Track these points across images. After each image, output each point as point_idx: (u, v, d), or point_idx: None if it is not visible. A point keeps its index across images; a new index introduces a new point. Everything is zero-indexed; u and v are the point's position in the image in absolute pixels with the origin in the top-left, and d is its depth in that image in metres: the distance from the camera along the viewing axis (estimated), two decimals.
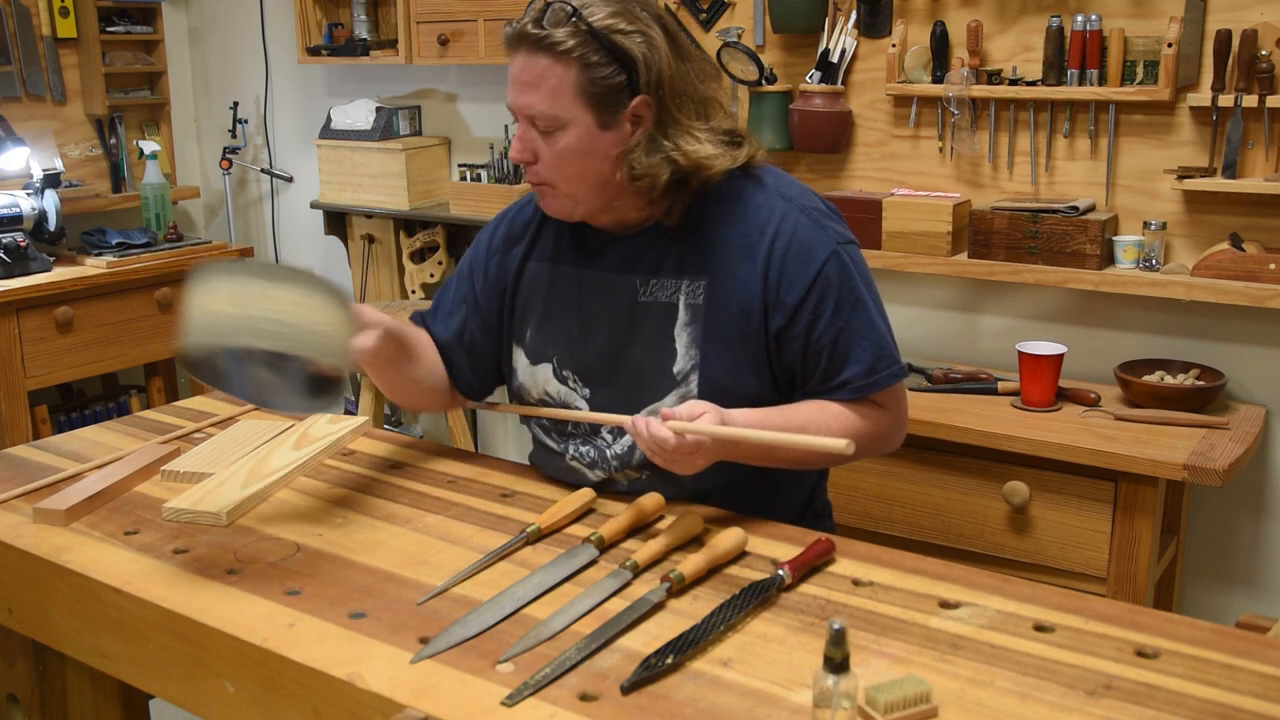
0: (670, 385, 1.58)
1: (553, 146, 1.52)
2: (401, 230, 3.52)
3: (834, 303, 1.54)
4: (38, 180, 3.37)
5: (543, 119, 1.50)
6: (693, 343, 1.57)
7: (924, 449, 2.32)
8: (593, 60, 1.48)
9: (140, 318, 3.51)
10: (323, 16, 3.56)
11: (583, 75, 1.48)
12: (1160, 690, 1.10)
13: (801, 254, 1.54)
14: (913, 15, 2.59)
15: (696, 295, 1.57)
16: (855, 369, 1.55)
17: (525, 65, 1.50)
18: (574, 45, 1.47)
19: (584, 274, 1.65)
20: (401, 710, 1.10)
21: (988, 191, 2.58)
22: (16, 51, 3.55)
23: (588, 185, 1.55)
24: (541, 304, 1.68)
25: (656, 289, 1.60)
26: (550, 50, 1.48)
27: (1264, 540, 2.43)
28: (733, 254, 1.56)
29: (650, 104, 1.52)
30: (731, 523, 1.47)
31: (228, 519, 1.54)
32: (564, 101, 1.49)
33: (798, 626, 1.24)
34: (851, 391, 1.56)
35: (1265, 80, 2.19)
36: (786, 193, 1.60)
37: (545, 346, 1.67)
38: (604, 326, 1.62)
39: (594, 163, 1.53)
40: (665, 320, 1.59)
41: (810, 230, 1.56)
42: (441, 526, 1.52)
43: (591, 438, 1.63)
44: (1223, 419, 2.22)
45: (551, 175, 1.54)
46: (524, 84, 1.50)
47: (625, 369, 1.61)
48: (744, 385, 1.56)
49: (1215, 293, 2.24)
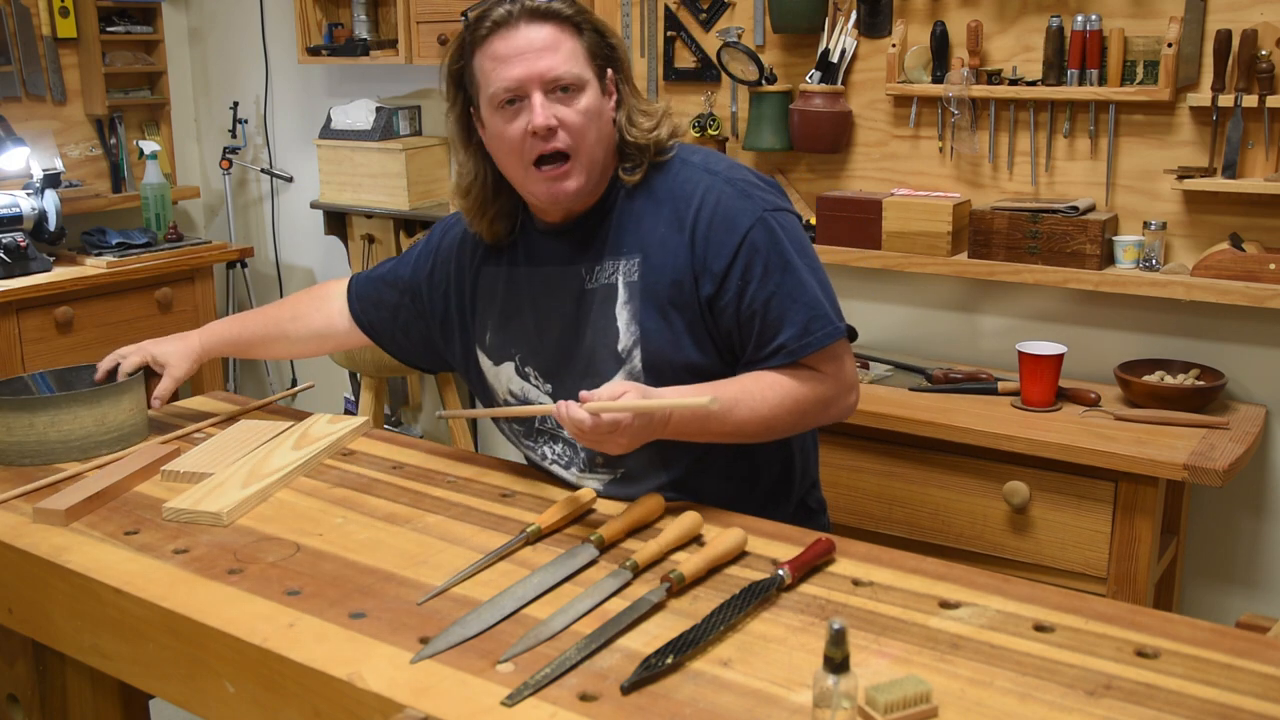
0: (616, 364, 1.60)
1: (576, 106, 1.54)
2: (401, 230, 3.52)
3: (762, 268, 1.55)
4: (38, 180, 3.37)
5: (568, 77, 1.54)
6: (632, 319, 1.59)
7: (924, 449, 2.32)
8: (586, 28, 1.57)
9: (140, 318, 3.51)
10: (323, 16, 3.56)
11: (584, 40, 1.56)
12: (1160, 690, 1.10)
13: (726, 222, 1.57)
14: (913, 15, 2.59)
15: (632, 273, 1.60)
16: (789, 332, 1.56)
17: (531, 34, 1.53)
18: (573, 14, 1.56)
19: (533, 271, 1.68)
20: (401, 710, 1.10)
21: (988, 191, 2.58)
22: (16, 51, 3.55)
23: (602, 150, 1.59)
24: (499, 306, 1.71)
25: (599, 273, 1.63)
26: (555, 18, 1.54)
27: (1264, 540, 2.43)
28: (663, 229, 1.59)
29: (616, 80, 1.61)
30: (732, 523, 1.47)
31: (228, 519, 1.54)
32: (581, 63, 1.55)
33: (798, 626, 1.24)
34: (787, 355, 1.56)
35: (1265, 80, 2.19)
36: (713, 167, 1.64)
37: (506, 346, 1.70)
38: (557, 320, 1.65)
39: (605, 126, 1.59)
40: (608, 302, 1.61)
41: (734, 199, 1.59)
42: (441, 526, 1.53)
43: (558, 432, 1.66)
44: (1223, 419, 2.22)
45: (577, 140, 1.55)
46: (539, 50, 1.53)
47: (580, 357, 1.63)
48: (685, 355, 1.58)
49: (1215, 293, 2.24)
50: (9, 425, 1.76)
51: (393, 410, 3.79)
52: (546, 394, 1.67)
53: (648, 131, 1.61)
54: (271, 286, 4.12)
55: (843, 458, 2.40)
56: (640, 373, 1.58)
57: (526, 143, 1.54)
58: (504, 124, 1.55)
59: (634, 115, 1.62)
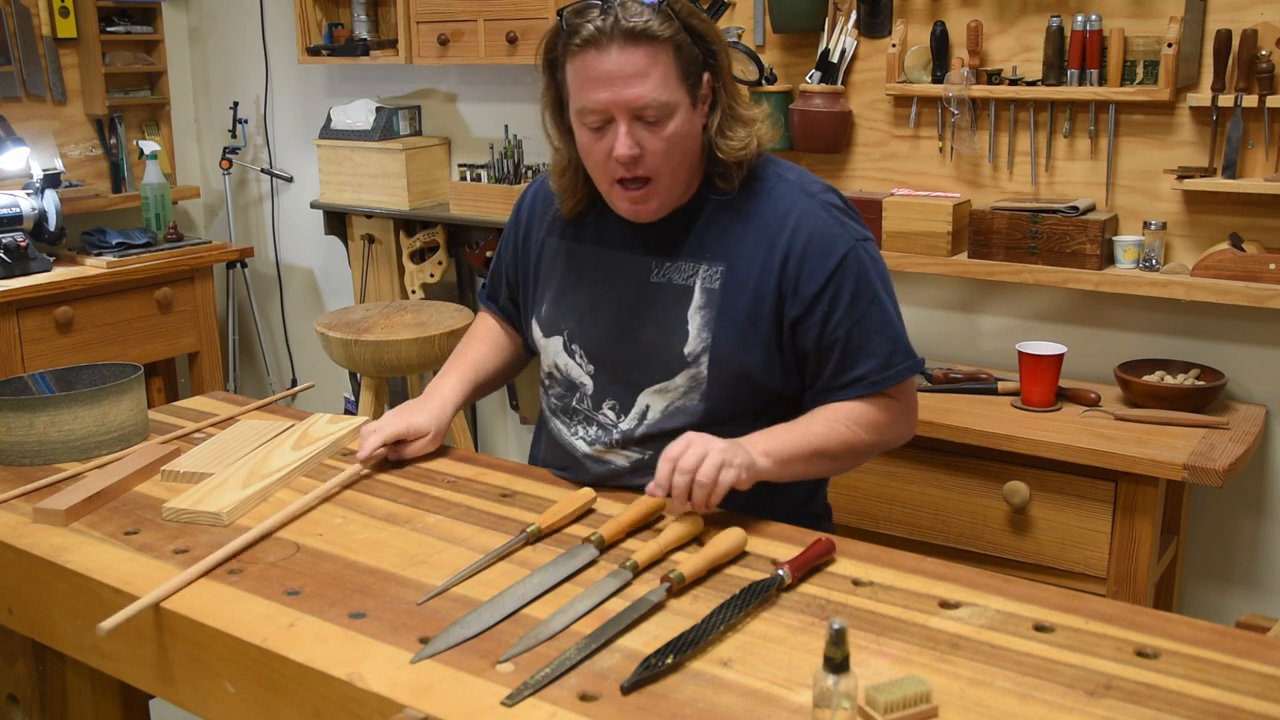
0: (680, 365, 1.60)
1: (661, 134, 1.53)
2: (401, 230, 3.52)
3: (850, 296, 1.57)
4: (38, 180, 3.37)
5: (655, 107, 1.51)
6: (705, 325, 1.59)
7: (924, 449, 2.32)
8: (681, 41, 1.52)
9: (140, 318, 3.51)
10: (323, 16, 3.56)
11: (679, 57, 1.52)
12: (1160, 690, 1.10)
13: (822, 248, 1.57)
14: (913, 15, 2.59)
15: (713, 280, 1.60)
16: (871, 363, 1.58)
17: (623, 59, 1.49)
18: (670, 32, 1.50)
19: (601, 252, 1.68)
20: (401, 710, 1.10)
21: (988, 191, 2.58)
22: (16, 51, 3.55)
23: (686, 171, 1.58)
24: (558, 279, 1.72)
25: (671, 271, 1.63)
26: (650, 39, 1.49)
27: (1264, 540, 2.43)
28: (752, 243, 1.59)
29: (712, 82, 1.58)
30: (731, 523, 1.47)
31: (228, 519, 1.54)
32: (671, 86, 1.52)
33: (798, 626, 1.24)
34: (867, 386, 1.58)
35: (1265, 80, 2.19)
36: (809, 188, 1.63)
37: (558, 320, 1.71)
38: (613, 306, 1.65)
39: (693, 144, 1.58)
40: (679, 302, 1.61)
41: (831, 225, 1.59)
42: (441, 526, 1.52)
43: (594, 414, 1.66)
44: (1223, 419, 2.22)
45: (659, 166, 1.55)
46: (629, 77, 1.49)
47: (633, 348, 1.63)
48: (752, 371, 1.59)
49: (1215, 293, 2.24)
50: (9, 425, 1.76)
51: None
52: (589, 375, 1.67)
53: (738, 149, 1.58)
54: (271, 286, 4.12)
55: None
56: (705, 379, 1.59)
57: (610, 164, 1.55)
58: (590, 141, 1.55)
59: (727, 124, 1.59)
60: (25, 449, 1.76)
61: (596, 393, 1.66)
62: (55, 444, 1.77)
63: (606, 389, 1.66)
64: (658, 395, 1.62)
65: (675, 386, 1.61)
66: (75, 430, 1.78)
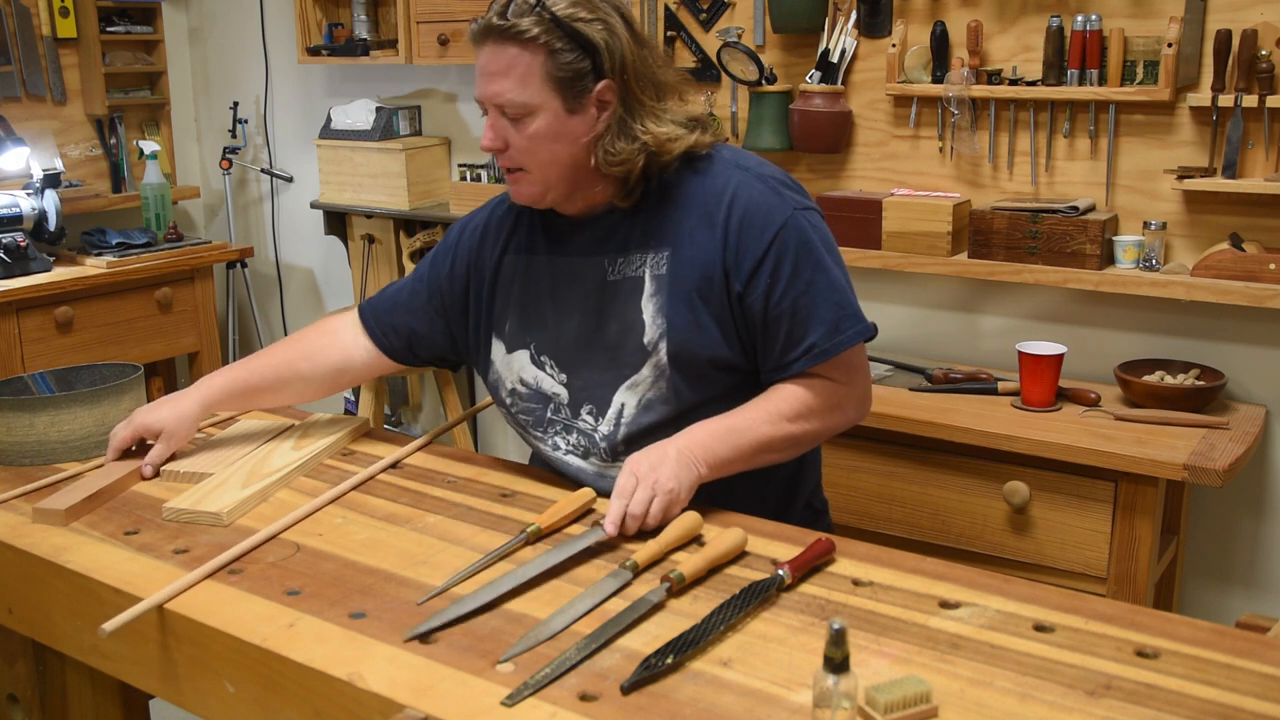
0: (643, 356, 1.61)
1: (523, 132, 1.56)
2: (401, 230, 3.52)
3: (791, 267, 1.56)
4: (38, 180, 3.37)
5: (512, 106, 1.55)
6: (659, 312, 1.60)
7: (924, 449, 2.32)
8: (557, 47, 1.53)
9: (140, 318, 3.51)
10: (323, 16, 3.56)
11: (549, 61, 1.53)
12: (1160, 690, 1.10)
13: (758, 219, 1.58)
14: (913, 15, 2.59)
15: (660, 266, 1.61)
16: (819, 330, 1.57)
17: (493, 56, 1.55)
18: (539, 33, 1.52)
19: (556, 261, 1.69)
20: (401, 710, 1.10)
21: (988, 191, 2.58)
22: (16, 51, 3.55)
23: (559, 169, 1.59)
24: (518, 293, 1.72)
25: (624, 266, 1.64)
26: (516, 39, 1.53)
27: (1264, 540, 2.43)
28: (693, 223, 1.60)
29: (614, 88, 1.57)
30: (732, 523, 1.47)
31: (228, 519, 1.54)
32: (532, 88, 1.54)
33: (798, 626, 1.24)
34: (817, 355, 1.57)
35: (1265, 80, 2.19)
36: (743, 163, 1.64)
37: (523, 334, 1.71)
38: (576, 310, 1.66)
39: (564, 147, 1.58)
40: (633, 294, 1.62)
41: (766, 196, 1.59)
42: (441, 526, 1.52)
43: (573, 422, 1.66)
44: (1223, 419, 2.22)
45: (524, 161, 1.59)
46: (492, 74, 1.55)
47: (600, 349, 1.64)
48: (711, 350, 1.59)
49: (1215, 293, 2.24)
50: (9, 425, 1.76)
51: (393, 410, 3.79)
52: (561, 383, 1.67)
53: (613, 163, 1.57)
54: (271, 286, 4.12)
55: (843, 458, 2.40)
56: (666, 365, 1.59)
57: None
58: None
59: (614, 138, 1.57)
60: (25, 449, 1.76)
61: (573, 399, 1.66)
62: (55, 444, 1.77)
63: (581, 394, 1.65)
64: (629, 391, 1.62)
65: (643, 379, 1.61)
66: (75, 430, 1.78)
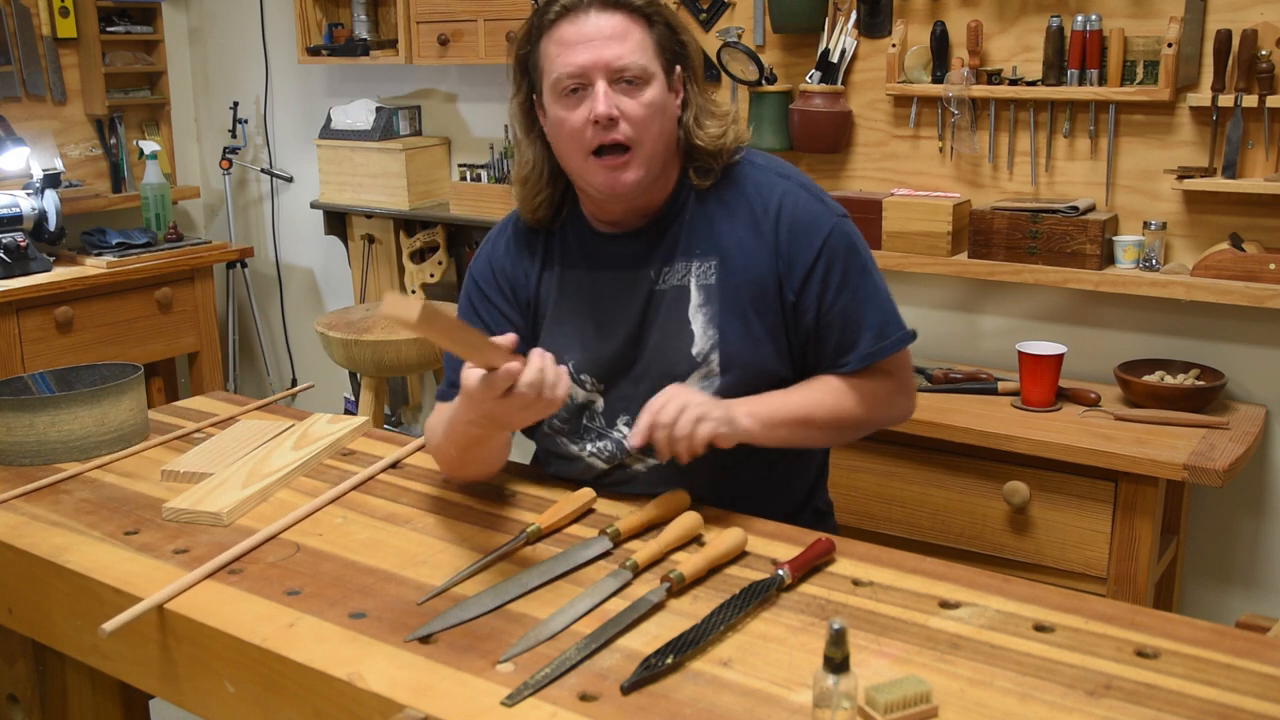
0: (690, 366, 1.59)
1: (639, 99, 1.52)
2: (401, 230, 3.52)
3: (840, 273, 1.58)
4: (38, 180, 3.37)
5: (634, 69, 1.51)
6: (709, 322, 1.58)
7: (924, 449, 2.32)
8: (658, 21, 1.54)
9: (140, 318, 3.51)
10: (323, 16, 3.56)
11: (653, 33, 1.54)
12: (1160, 690, 1.10)
13: (806, 227, 1.58)
14: (913, 15, 2.59)
15: (708, 276, 1.59)
16: (868, 335, 1.58)
17: (600, 22, 1.51)
18: (644, 4, 1.53)
19: (595, 275, 1.65)
20: (401, 710, 1.10)
21: (988, 191, 2.58)
22: (16, 51, 3.55)
23: (663, 146, 1.57)
24: (553, 310, 1.67)
25: (669, 275, 1.61)
26: (626, 7, 1.52)
27: (1264, 540, 2.43)
28: (740, 232, 1.59)
29: (685, 78, 1.58)
30: (732, 523, 1.47)
31: (228, 519, 1.54)
32: (649, 54, 1.53)
33: (798, 626, 1.24)
34: (866, 359, 1.58)
35: (1265, 80, 2.19)
36: (782, 171, 1.65)
37: (560, 352, 1.62)
38: (620, 324, 1.63)
39: (668, 122, 1.57)
40: (678, 304, 1.60)
41: (811, 204, 1.60)
42: (441, 526, 1.53)
43: (607, 431, 1.64)
44: (1223, 419, 2.22)
45: (638, 133, 1.52)
46: (606, 39, 1.50)
47: (643, 360, 1.62)
48: (764, 360, 1.59)
49: (1215, 293, 2.24)
50: (9, 425, 1.76)
51: (393, 410, 3.79)
52: (599, 393, 1.64)
53: (715, 137, 1.59)
54: (271, 287, 4.12)
55: (843, 458, 2.40)
56: (717, 375, 1.58)
57: (588, 131, 1.51)
58: (566, 111, 1.53)
59: (701, 117, 1.60)
60: (25, 449, 1.76)
61: (608, 409, 1.64)
62: (55, 444, 1.77)
63: (618, 405, 1.63)
64: None
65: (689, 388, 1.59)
66: (75, 430, 1.78)
